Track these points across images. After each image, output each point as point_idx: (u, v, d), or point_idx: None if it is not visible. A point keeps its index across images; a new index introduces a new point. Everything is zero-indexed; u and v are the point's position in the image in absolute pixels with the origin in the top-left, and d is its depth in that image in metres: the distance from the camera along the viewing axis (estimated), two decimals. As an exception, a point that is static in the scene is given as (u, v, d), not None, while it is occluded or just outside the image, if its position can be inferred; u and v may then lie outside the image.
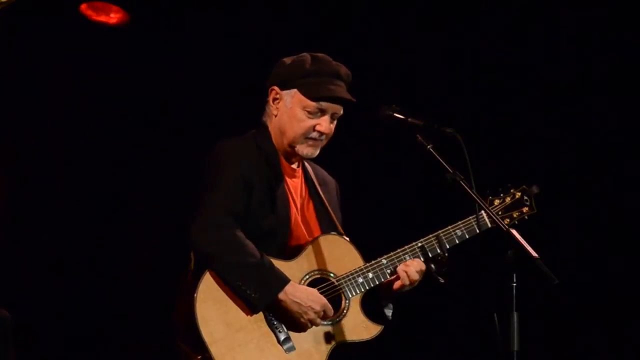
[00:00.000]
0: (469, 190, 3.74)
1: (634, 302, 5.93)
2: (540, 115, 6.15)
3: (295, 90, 4.08)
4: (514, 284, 3.60)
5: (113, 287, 5.97)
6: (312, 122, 4.08)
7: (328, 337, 4.03)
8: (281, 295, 3.93)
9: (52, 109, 6.06)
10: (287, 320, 3.97)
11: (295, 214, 4.15)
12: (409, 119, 3.90)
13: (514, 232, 3.68)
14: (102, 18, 6.06)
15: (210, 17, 6.16)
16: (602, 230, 6.01)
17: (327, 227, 4.20)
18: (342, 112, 4.13)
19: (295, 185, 4.21)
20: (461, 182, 3.74)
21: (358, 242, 4.18)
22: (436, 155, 3.80)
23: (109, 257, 5.95)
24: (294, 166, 4.21)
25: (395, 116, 3.92)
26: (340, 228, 4.21)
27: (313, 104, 4.06)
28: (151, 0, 6.09)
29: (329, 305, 4.01)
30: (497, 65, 6.15)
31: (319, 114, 4.08)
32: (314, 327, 4.00)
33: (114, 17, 6.08)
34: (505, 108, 6.17)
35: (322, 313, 3.98)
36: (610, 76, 6.02)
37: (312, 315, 3.96)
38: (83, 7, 6.01)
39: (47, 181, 6.00)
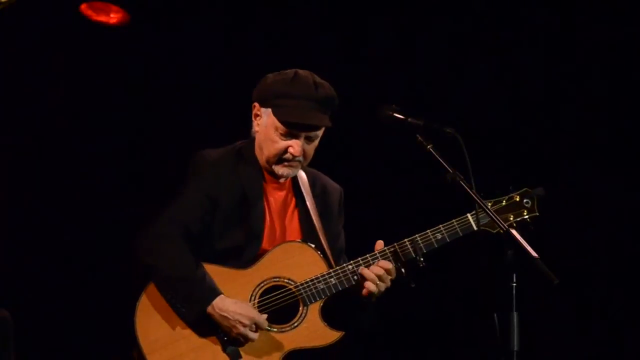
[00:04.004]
0: (469, 190, 3.73)
1: (634, 301, 5.93)
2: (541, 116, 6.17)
3: (270, 110, 4.06)
4: (514, 284, 3.60)
5: (113, 287, 5.96)
6: (284, 143, 4.05)
7: (280, 344, 3.98)
8: (209, 309, 3.92)
9: (52, 108, 6.05)
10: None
11: (270, 227, 4.12)
12: (409, 119, 3.89)
13: (514, 232, 3.68)
14: (102, 18, 6.06)
15: (210, 17, 6.15)
16: (602, 230, 6.01)
17: (309, 237, 4.15)
18: (320, 133, 4.09)
19: (278, 198, 4.18)
20: (461, 182, 3.73)
21: (359, 244, 4.16)
22: (436, 155, 3.80)
23: (110, 257, 5.94)
24: (281, 179, 4.17)
25: (395, 116, 3.91)
26: (323, 239, 4.15)
27: (283, 126, 4.03)
28: (151, 0, 6.09)
29: (260, 319, 3.96)
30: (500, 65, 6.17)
31: (291, 136, 4.05)
32: (266, 334, 3.96)
33: (114, 17, 6.07)
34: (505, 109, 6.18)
35: (253, 327, 3.95)
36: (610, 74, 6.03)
37: (240, 329, 3.93)
38: (83, 7, 6.01)
39: (47, 180, 5.99)
